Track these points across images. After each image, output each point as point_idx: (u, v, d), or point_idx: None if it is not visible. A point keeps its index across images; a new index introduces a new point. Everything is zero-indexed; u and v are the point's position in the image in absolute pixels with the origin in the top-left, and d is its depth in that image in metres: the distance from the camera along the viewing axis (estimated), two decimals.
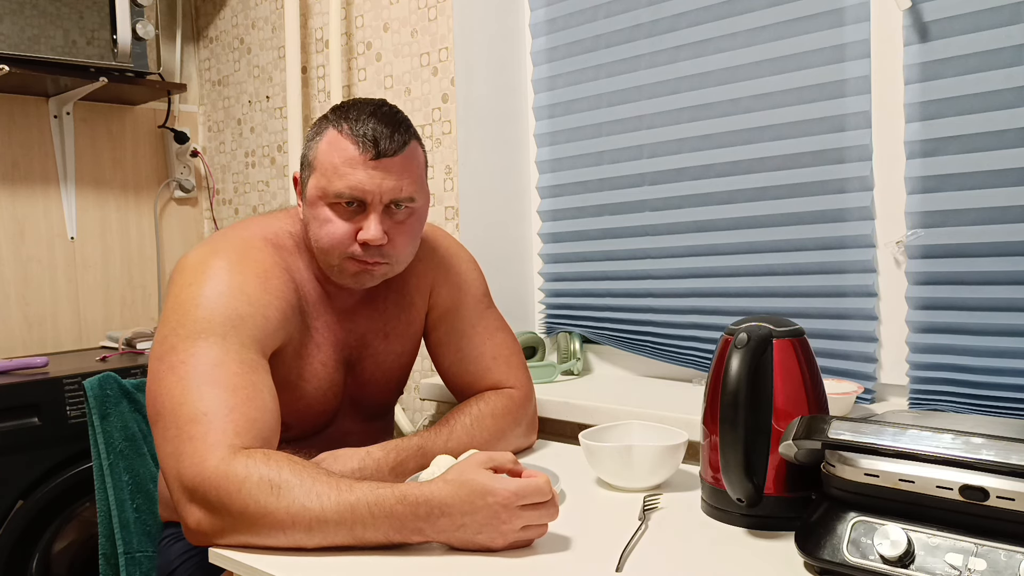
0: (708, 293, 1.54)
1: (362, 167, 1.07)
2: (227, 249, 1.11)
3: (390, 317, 1.26)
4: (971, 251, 1.24)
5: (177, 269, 1.10)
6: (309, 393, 1.17)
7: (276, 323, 1.08)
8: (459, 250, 1.38)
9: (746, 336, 0.94)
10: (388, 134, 1.08)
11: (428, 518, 0.90)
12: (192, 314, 1.03)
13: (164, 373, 1.00)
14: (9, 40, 1.87)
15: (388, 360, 1.27)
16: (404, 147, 1.10)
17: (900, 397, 1.35)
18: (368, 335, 1.24)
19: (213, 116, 2.46)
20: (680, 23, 1.54)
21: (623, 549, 0.91)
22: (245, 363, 1.01)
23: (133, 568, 1.32)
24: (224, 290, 1.05)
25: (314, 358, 1.17)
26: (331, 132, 1.10)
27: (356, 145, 1.08)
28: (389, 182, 1.08)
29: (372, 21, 1.90)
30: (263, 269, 1.10)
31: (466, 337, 1.32)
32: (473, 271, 1.36)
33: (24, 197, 2.17)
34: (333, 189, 1.08)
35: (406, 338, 1.29)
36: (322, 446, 1.13)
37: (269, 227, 1.18)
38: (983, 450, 0.77)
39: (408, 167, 1.11)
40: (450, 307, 1.32)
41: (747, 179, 1.47)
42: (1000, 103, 1.20)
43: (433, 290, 1.31)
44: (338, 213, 1.10)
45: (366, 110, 1.10)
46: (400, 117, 1.12)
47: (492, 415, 1.25)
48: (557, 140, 1.76)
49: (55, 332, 2.21)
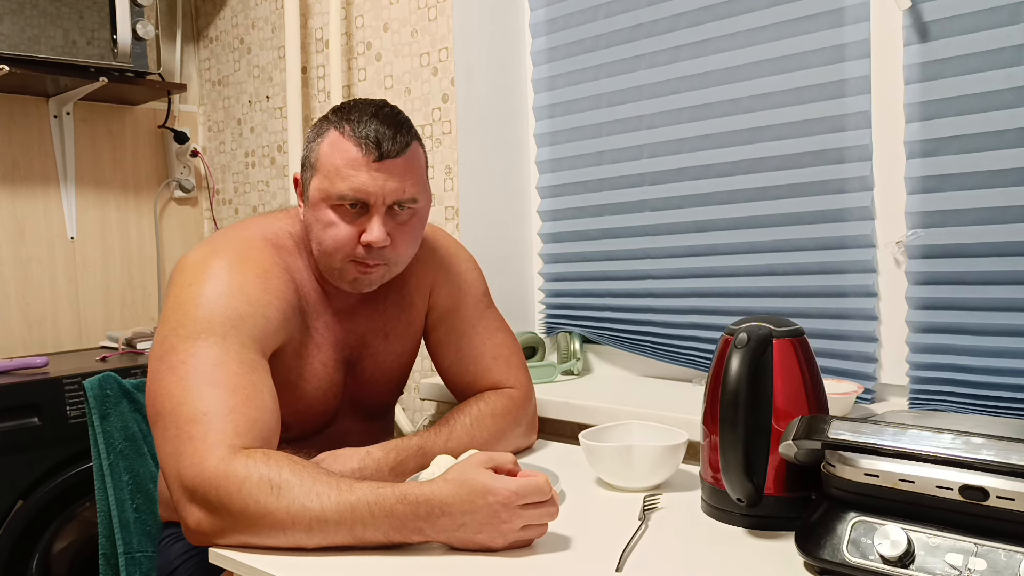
0: (708, 293, 1.54)
1: (365, 169, 1.07)
2: (227, 249, 1.11)
3: (390, 317, 1.26)
4: (971, 251, 1.24)
5: (177, 269, 1.10)
6: (309, 393, 1.17)
7: (276, 323, 1.09)
8: (459, 250, 1.38)
9: (746, 336, 0.94)
10: (391, 135, 1.08)
11: (428, 517, 0.90)
12: (192, 314, 1.03)
13: (164, 373, 1.00)
14: (9, 40, 1.87)
15: (388, 360, 1.27)
16: (406, 148, 1.10)
17: (900, 397, 1.35)
18: (368, 335, 1.24)
19: (213, 116, 2.46)
20: (680, 23, 1.54)
21: (623, 549, 0.91)
22: (245, 363, 1.02)
23: (133, 568, 1.32)
24: (224, 290, 1.05)
25: (314, 358, 1.17)
26: (333, 133, 1.10)
27: (359, 147, 1.08)
28: (392, 183, 1.08)
29: (372, 21, 1.90)
30: (263, 269, 1.10)
31: (466, 337, 1.32)
32: (473, 271, 1.36)
33: (24, 197, 2.17)
34: (336, 191, 1.08)
35: (406, 338, 1.29)
36: (322, 446, 1.13)
37: (269, 227, 1.18)
38: (983, 450, 0.77)
39: (410, 168, 1.11)
40: (450, 307, 1.32)
41: (747, 179, 1.47)
42: (1000, 103, 1.19)
43: (433, 290, 1.31)
44: (341, 215, 1.10)
45: (368, 111, 1.10)
46: (402, 118, 1.12)
47: (492, 415, 1.25)
48: (557, 140, 1.76)
49: (55, 332, 2.21)
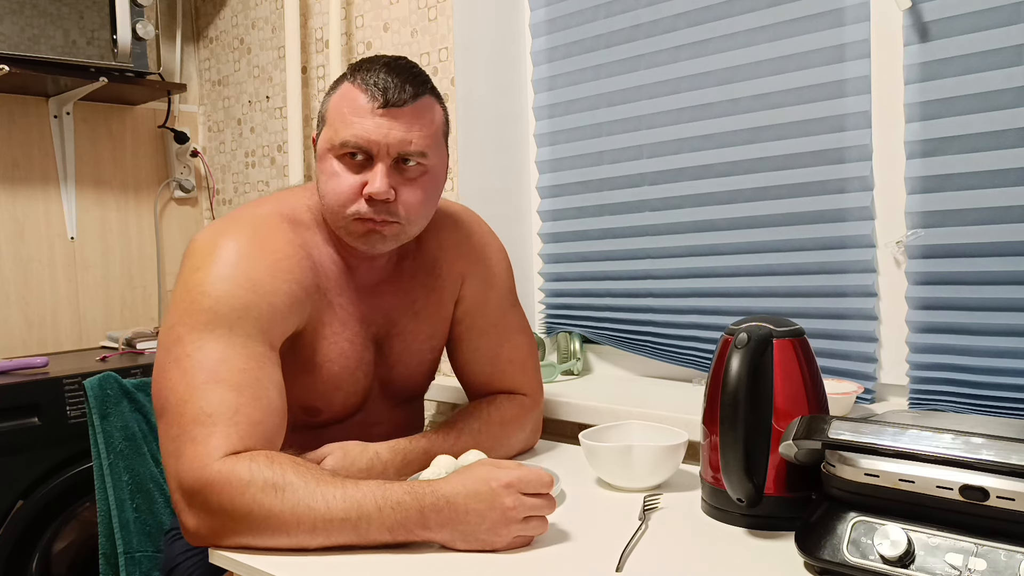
0: (708, 293, 1.54)
1: (369, 116, 1.04)
2: (238, 230, 1.07)
3: (418, 296, 1.22)
4: (971, 251, 1.24)
5: (188, 250, 1.07)
6: (336, 373, 1.13)
7: (284, 310, 1.05)
8: (492, 240, 1.34)
9: (746, 336, 0.94)
10: (399, 84, 1.04)
11: (435, 508, 0.90)
12: (199, 303, 1.00)
13: (169, 366, 0.99)
14: (9, 40, 1.87)
15: (418, 341, 1.23)
16: (416, 99, 1.06)
17: (900, 397, 1.35)
18: (394, 312, 1.20)
19: (213, 116, 2.46)
20: (680, 23, 1.54)
21: (623, 549, 0.91)
22: (252, 357, 1.00)
23: (133, 568, 1.32)
24: (230, 276, 1.02)
25: (340, 336, 1.13)
26: (344, 85, 1.08)
27: (365, 94, 1.04)
28: (397, 132, 1.04)
29: (372, 21, 1.90)
30: (274, 250, 1.07)
31: (486, 336, 1.29)
32: (503, 264, 1.33)
33: (24, 197, 2.17)
34: (339, 138, 1.05)
35: (437, 320, 1.25)
36: (352, 433, 1.12)
37: (285, 203, 1.14)
38: (983, 450, 0.77)
39: (419, 119, 1.06)
40: (477, 301, 1.28)
41: (747, 179, 1.47)
42: (1000, 103, 1.19)
43: (465, 280, 1.27)
44: (345, 165, 1.06)
45: (380, 61, 1.08)
46: (416, 71, 1.08)
47: (501, 422, 1.24)
48: (557, 140, 1.76)
49: (55, 332, 2.21)
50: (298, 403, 1.12)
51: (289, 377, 1.08)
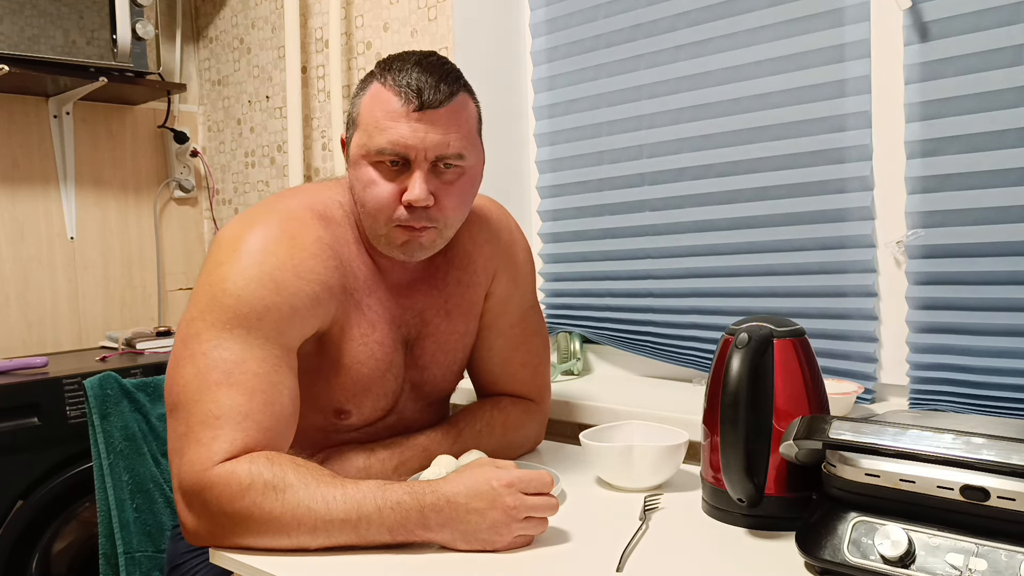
0: (708, 293, 1.53)
1: (405, 120, 1.00)
2: (267, 223, 1.03)
3: (451, 294, 1.19)
4: (971, 251, 1.24)
5: (215, 241, 1.05)
6: (366, 375, 1.10)
7: (305, 311, 1.02)
8: (520, 237, 1.31)
9: (747, 336, 0.94)
10: (433, 84, 1.00)
11: (435, 507, 0.90)
12: (220, 300, 0.99)
13: (185, 361, 0.98)
14: (9, 40, 1.87)
15: (451, 340, 1.20)
16: (451, 98, 1.02)
17: (900, 397, 1.35)
18: (427, 312, 1.17)
19: (213, 116, 2.46)
20: (680, 23, 1.54)
21: (623, 549, 0.91)
22: (267, 360, 0.98)
23: (133, 568, 1.32)
24: (254, 275, 0.99)
25: (369, 337, 1.10)
26: (375, 86, 1.03)
27: (399, 96, 1.00)
28: (434, 136, 1.01)
29: (372, 21, 1.90)
30: (301, 248, 1.03)
31: (503, 337, 1.26)
32: (529, 262, 1.31)
33: (24, 197, 2.16)
34: (375, 145, 1.01)
35: (469, 317, 1.22)
36: (381, 436, 1.11)
37: (318, 197, 1.10)
38: (984, 450, 0.77)
39: (456, 120, 1.03)
40: (501, 299, 1.25)
41: (747, 179, 1.47)
42: (1000, 103, 1.19)
43: (496, 276, 1.24)
44: (382, 173, 1.02)
45: (411, 60, 1.03)
46: (449, 67, 1.04)
47: (504, 425, 1.23)
48: (557, 140, 1.76)
49: (55, 332, 2.21)
50: (327, 405, 1.11)
51: (318, 379, 1.07)
